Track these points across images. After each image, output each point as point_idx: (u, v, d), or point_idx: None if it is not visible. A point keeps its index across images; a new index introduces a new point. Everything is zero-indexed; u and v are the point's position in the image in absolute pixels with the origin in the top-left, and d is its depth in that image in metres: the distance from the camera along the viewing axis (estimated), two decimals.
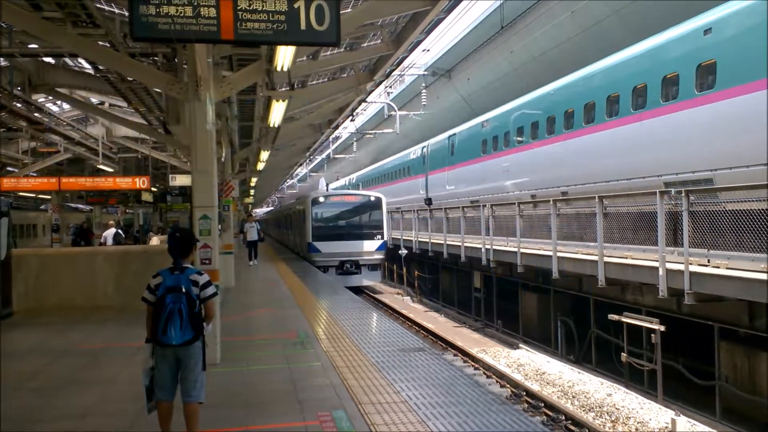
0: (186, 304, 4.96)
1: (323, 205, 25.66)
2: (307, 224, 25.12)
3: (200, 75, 8.01)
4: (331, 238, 24.53)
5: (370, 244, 24.52)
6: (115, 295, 12.95)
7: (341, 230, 25.18)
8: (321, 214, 25.49)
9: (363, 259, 24.42)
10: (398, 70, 20.68)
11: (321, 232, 24.88)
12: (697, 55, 11.47)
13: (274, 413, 6.19)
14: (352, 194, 27.11)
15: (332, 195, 26.98)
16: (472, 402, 6.21)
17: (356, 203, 25.96)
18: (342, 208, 26.05)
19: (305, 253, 25.81)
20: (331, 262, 24.12)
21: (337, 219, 25.76)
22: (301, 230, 27.31)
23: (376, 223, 25.15)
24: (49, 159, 26.50)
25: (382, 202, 25.49)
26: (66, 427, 5.91)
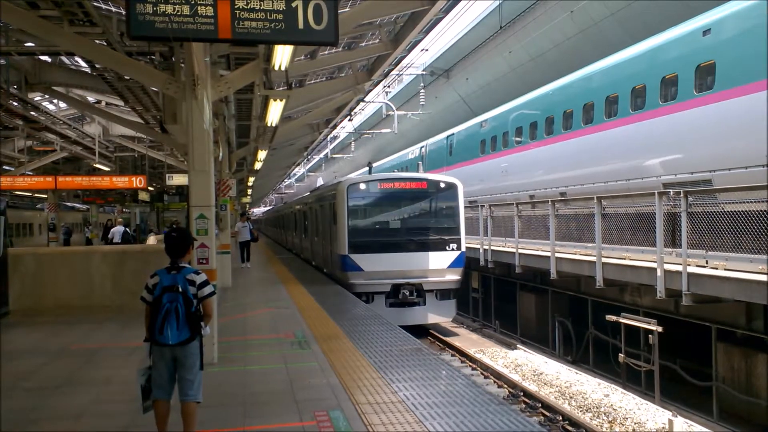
0: (183, 304, 4.94)
1: (366, 195, 16.98)
2: (340, 227, 16.31)
3: (197, 74, 7.98)
4: (379, 249, 16.09)
5: (440, 257, 16.09)
6: (112, 295, 12.91)
7: (395, 236, 16.39)
8: (362, 211, 17.08)
9: (429, 281, 15.97)
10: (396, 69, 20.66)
11: (363, 238, 16.22)
12: (696, 56, 11.46)
13: (272, 413, 6.16)
14: (411, 178, 17.56)
15: (380, 180, 17.35)
16: (470, 402, 6.19)
17: (417, 192, 17.09)
18: (395, 200, 17.07)
19: (335, 270, 17.19)
20: (379, 286, 15.79)
21: (388, 218, 17.00)
22: (327, 236, 18.62)
23: (448, 224, 16.62)
24: (46, 158, 26.46)
25: (458, 190, 16.80)
26: (62, 427, 5.88)
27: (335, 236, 16.77)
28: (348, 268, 15.97)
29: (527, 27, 22.64)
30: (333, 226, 17.19)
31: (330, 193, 18.52)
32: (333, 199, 17.38)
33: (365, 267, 15.84)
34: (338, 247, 16.38)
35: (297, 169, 56.59)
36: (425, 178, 17.47)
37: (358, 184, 16.88)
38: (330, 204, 17.91)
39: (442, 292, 16.19)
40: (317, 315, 11.86)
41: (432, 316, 16.26)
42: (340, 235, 16.29)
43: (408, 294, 15.76)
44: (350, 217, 16.33)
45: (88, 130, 23.67)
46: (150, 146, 26.37)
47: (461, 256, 16.37)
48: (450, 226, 16.53)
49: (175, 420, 5.17)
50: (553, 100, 16.84)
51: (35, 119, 17.71)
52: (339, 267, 16.49)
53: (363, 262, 15.89)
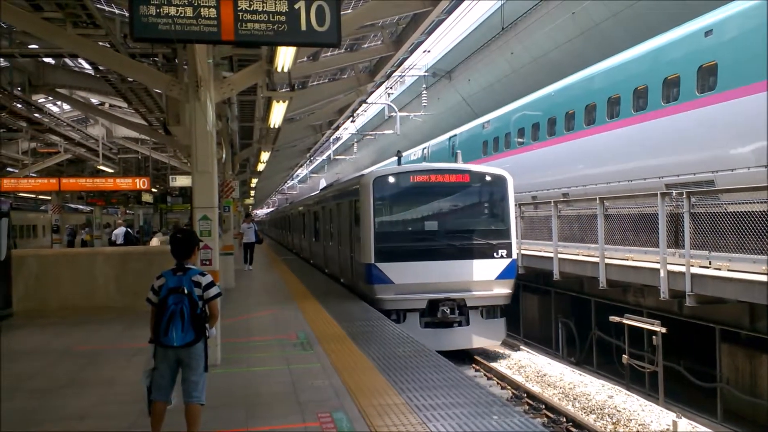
0: (188, 306, 4.94)
1: (396, 190, 13.97)
2: (364, 230, 13.59)
3: (200, 76, 7.99)
4: (413, 257, 13.32)
5: (486, 266, 13.39)
6: (116, 296, 12.93)
7: (431, 240, 13.57)
8: (392, 210, 14.35)
9: (473, 296, 13.26)
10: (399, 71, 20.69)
11: (392, 244, 13.52)
12: (698, 57, 11.45)
13: (275, 414, 6.17)
14: (451, 170, 14.36)
15: (412, 172, 14.24)
16: (473, 404, 6.19)
17: (458, 187, 14.06)
18: (431, 196, 14.14)
19: (358, 282, 14.54)
20: (412, 302, 13.14)
21: (423, 218, 14.11)
22: (346, 240, 15.96)
23: (496, 226, 13.89)
24: (49, 159, 26.51)
25: (507, 183, 13.94)
26: (66, 428, 5.90)
27: (357, 241, 14.14)
28: (374, 280, 13.14)
29: (529, 28, 22.64)
30: (354, 229, 14.59)
31: (350, 189, 15.58)
32: (354, 196, 14.53)
33: (395, 279, 13.09)
34: (362, 255, 13.66)
35: (300, 171, 56.63)
36: (467, 170, 14.33)
37: (386, 177, 13.83)
38: (350, 202, 15.14)
39: (488, 309, 13.42)
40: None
41: (477, 339, 13.46)
42: (364, 239, 13.50)
43: (448, 312, 12.96)
44: (377, 218, 13.46)
45: (92, 132, 23.71)
46: (153, 148, 26.40)
47: (512, 265, 13.57)
48: (498, 228, 13.75)
49: (179, 421, 5.18)
50: (556, 101, 16.84)
51: (39, 121, 17.75)
52: (363, 278, 13.75)
53: (393, 273, 13.10)
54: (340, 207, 16.92)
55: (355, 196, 14.47)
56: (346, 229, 15.94)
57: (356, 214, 14.43)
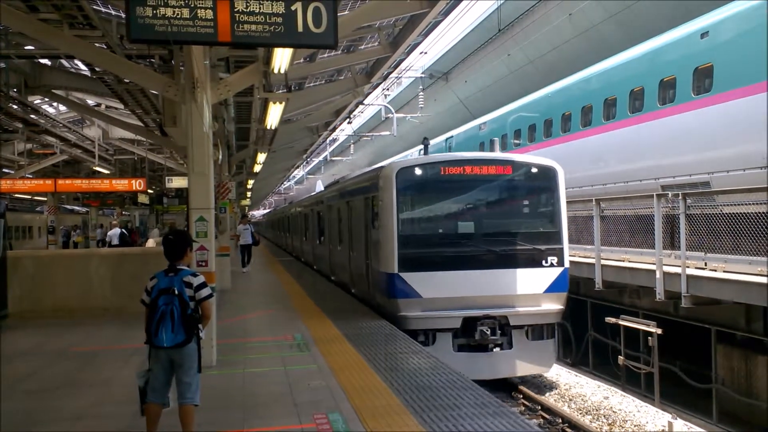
0: (178, 306, 4.95)
1: (425, 184, 11.70)
2: (386, 232, 11.38)
3: (197, 77, 7.99)
4: (444, 265, 11.16)
5: (533, 277, 11.20)
6: (111, 297, 12.90)
7: (467, 245, 11.35)
8: (419, 208, 12.06)
9: (518, 313, 11.12)
10: (395, 72, 20.71)
11: (420, 250, 11.28)
12: (694, 59, 11.49)
13: (271, 415, 6.16)
14: (489, 160, 11.96)
15: (444, 162, 11.91)
16: (469, 405, 6.19)
17: (499, 180, 11.76)
18: (467, 192, 11.88)
19: (375, 295, 12.36)
20: (444, 320, 10.99)
21: (457, 219, 11.92)
22: (360, 245, 13.62)
23: (545, 227, 11.67)
24: (45, 161, 26.48)
25: (558, 176, 11.61)
26: (61, 429, 5.88)
27: (376, 246, 11.83)
28: (397, 293, 10.93)
29: (526, 30, 22.70)
30: (371, 231, 12.33)
31: (366, 183, 13.31)
32: (372, 191, 12.34)
33: (424, 292, 10.84)
34: (382, 262, 11.42)
35: (297, 172, 56.60)
36: (510, 160, 11.91)
37: (412, 168, 11.50)
38: (366, 199, 12.89)
39: (535, 329, 11.20)
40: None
41: (522, 366, 11.23)
42: (384, 244, 11.27)
43: (488, 332, 10.79)
44: (401, 218, 11.20)
45: (88, 133, 23.69)
46: (149, 149, 26.38)
47: (564, 275, 11.23)
48: (547, 230, 11.46)
49: (174, 423, 5.17)
50: (552, 102, 16.87)
51: (35, 122, 17.73)
52: (382, 291, 11.59)
53: (420, 285, 10.87)
54: (351, 205, 14.66)
55: (373, 191, 12.25)
56: (359, 232, 13.60)
57: (374, 213, 12.19)
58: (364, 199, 13.07)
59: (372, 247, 12.35)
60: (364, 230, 13.02)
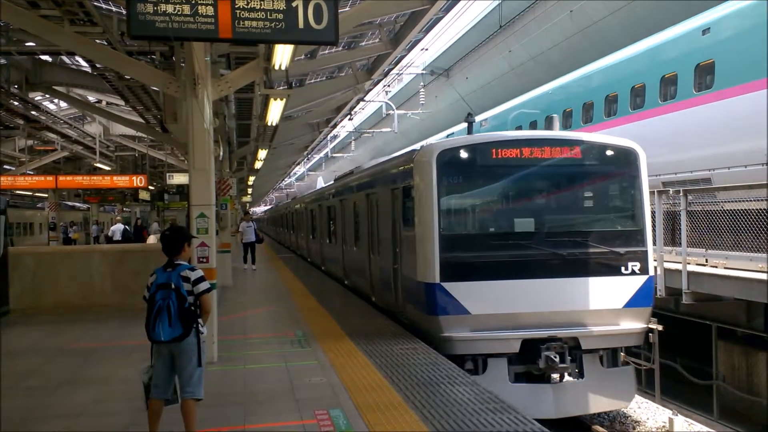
0: (175, 301, 4.96)
1: (473, 170, 9.52)
2: (423, 232, 9.27)
3: (198, 73, 7.99)
4: (497, 273, 8.96)
5: (609, 287, 9.03)
6: (112, 294, 12.91)
7: (526, 249, 9.06)
8: (465, 202, 9.84)
9: (591, 334, 8.90)
10: (396, 69, 20.68)
11: (467, 254, 9.06)
12: (695, 55, 11.47)
13: (272, 412, 6.17)
14: (553, 140, 9.45)
15: (496, 143, 9.43)
16: (470, 401, 6.20)
17: (565, 165, 9.41)
18: (525, 180, 9.61)
19: (407, 308, 10.23)
20: (498, 343, 8.83)
21: (514, 214, 9.57)
22: (386, 246, 11.44)
23: (623, 225, 9.50)
24: (46, 157, 26.52)
25: (639, 161, 9.32)
26: (62, 426, 5.89)
27: (409, 248, 9.73)
28: (439, 309, 8.76)
29: (527, 26, 22.66)
30: (402, 230, 10.24)
31: (394, 171, 11.04)
32: (403, 181, 10.18)
33: (472, 307, 8.70)
34: (418, 269, 9.24)
35: (297, 168, 56.61)
36: (578, 140, 9.44)
37: (456, 150, 9.19)
38: (395, 191, 10.68)
39: (611, 354, 9.01)
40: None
41: (597, 400, 8.92)
42: (422, 246, 9.10)
43: (556, 359, 8.52)
44: (444, 214, 9.00)
45: (89, 130, 23.71)
46: (150, 145, 26.41)
47: (648, 285, 9.00)
48: (627, 228, 9.25)
49: (176, 419, 5.19)
50: (553, 99, 16.85)
51: (36, 119, 17.74)
52: (418, 305, 9.38)
53: (468, 299, 8.72)
54: (372, 199, 12.54)
55: (404, 180, 10.08)
56: (384, 230, 11.46)
57: (405, 207, 10.08)
58: (391, 190, 10.89)
59: (402, 249, 10.18)
60: (391, 229, 10.86)
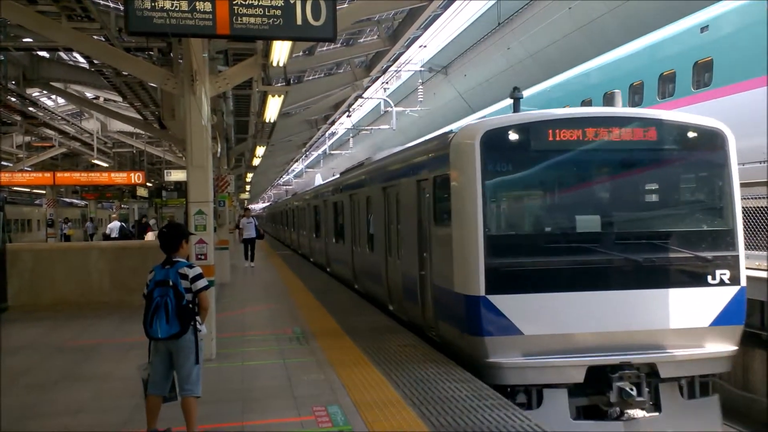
0: (173, 298, 4.97)
1: (525, 155, 7.50)
2: (463, 232, 7.36)
3: (196, 70, 7.98)
4: (555, 284, 7.13)
5: (693, 300, 7.25)
6: (111, 291, 12.92)
7: (591, 253, 7.20)
8: (516, 195, 8.14)
9: (672, 358, 7.15)
10: (395, 66, 20.69)
11: (518, 261, 7.20)
12: (693, 53, 11.48)
13: (269, 408, 6.18)
14: (625, 119, 7.62)
15: (554, 121, 7.49)
16: (469, 398, 6.20)
17: (639, 150, 7.55)
18: (589, 168, 7.79)
19: (440, 325, 8.34)
20: (558, 371, 6.99)
21: (575, 210, 7.59)
22: (409, 248, 9.74)
23: (710, 224, 7.73)
24: (44, 153, 26.47)
25: (728, 146, 7.43)
26: (60, 423, 5.89)
27: (442, 252, 8.03)
28: (483, 328, 7.07)
29: (525, 23, 22.65)
30: (432, 230, 8.49)
31: (421, 160, 9.30)
32: (433, 170, 8.46)
33: (525, 326, 7.04)
34: (455, 278, 7.51)
35: (295, 165, 56.58)
36: (654, 119, 7.68)
37: (505, 131, 7.39)
38: (421, 183, 9.05)
39: (692, 382, 7.35)
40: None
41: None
42: (461, 250, 7.42)
43: (633, 391, 6.89)
44: (489, 210, 7.33)
45: (87, 126, 23.67)
46: (148, 142, 26.36)
47: (740, 298, 7.51)
48: (714, 227, 7.66)
49: (176, 415, 5.19)
50: (552, 96, 16.86)
51: (33, 115, 17.70)
52: (455, 322, 7.68)
53: (520, 316, 7.05)
54: (390, 193, 11.00)
55: (435, 170, 8.38)
56: (406, 229, 9.91)
57: (436, 202, 8.42)
58: (417, 182, 9.22)
59: (432, 252, 8.48)
60: (416, 227, 9.18)
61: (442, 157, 8.07)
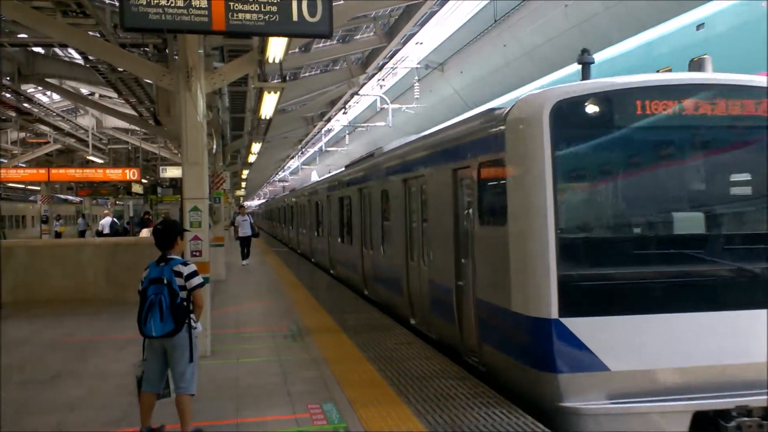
0: (167, 296, 4.95)
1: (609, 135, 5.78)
2: (526, 234, 5.69)
3: (191, 66, 7.95)
4: (649, 303, 5.49)
5: None
6: (105, 287, 12.89)
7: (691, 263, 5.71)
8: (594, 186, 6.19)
9: None
10: (391, 63, 20.66)
11: (599, 273, 5.59)
12: (689, 50, 11.49)
13: (264, 405, 6.17)
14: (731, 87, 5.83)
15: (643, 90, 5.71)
16: (464, 395, 6.20)
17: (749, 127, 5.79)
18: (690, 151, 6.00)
19: (490, 352, 6.63)
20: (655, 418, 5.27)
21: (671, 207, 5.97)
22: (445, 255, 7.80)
23: None
24: (39, 150, 26.38)
25: None
26: (55, 420, 5.87)
27: (491, 257, 6.57)
28: (555, 362, 5.48)
29: (522, 21, 22.64)
30: (478, 231, 6.89)
31: (464, 141, 7.48)
32: (480, 154, 6.84)
33: (613, 360, 5.47)
34: (513, 293, 5.97)
35: (291, 162, 56.52)
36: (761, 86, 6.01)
37: (582, 101, 5.78)
38: (461, 172, 7.40)
39: None
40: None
41: None
42: (522, 255, 5.86)
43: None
44: (563, 205, 5.76)
45: (82, 122, 23.57)
46: (143, 138, 26.27)
47: None
48: None
49: (169, 412, 5.18)
50: None
51: (28, 111, 17.63)
52: (515, 351, 6.15)
53: (606, 345, 5.49)
54: (412, 186, 9.49)
55: (482, 154, 6.74)
56: (436, 229, 8.33)
57: (482, 195, 6.77)
58: (452, 172, 7.56)
59: (476, 258, 6.86)
60: (451, 227, 7.58)
61: (493, 138, 6.46)
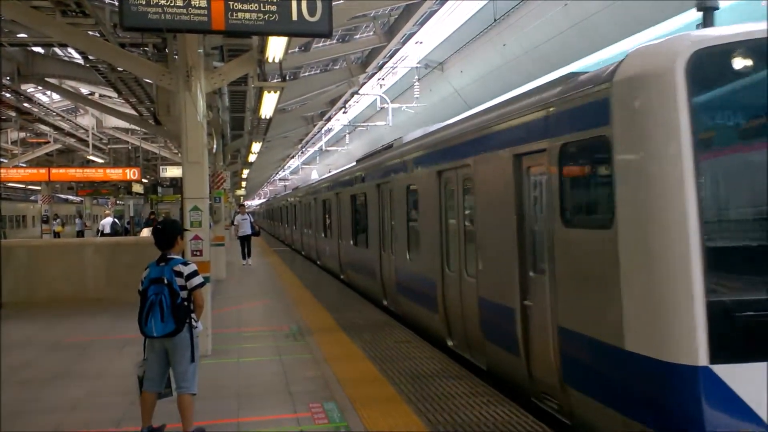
0: (168, 296, 4.94)
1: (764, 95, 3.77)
2: (653, 244, 3.92)
3: (191, 65, 7.94)
4: None
5: None
6: (105, 288, 12.88)
7: None
8: (756, 178, 3.88)
9: None
10: (391, 62, 20.64)
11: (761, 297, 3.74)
12: None
13: (265, 405, 6.18)
14: None
15: None
16: (464, 394, 6.21)
17: None
18: None
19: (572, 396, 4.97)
20: None
21: None
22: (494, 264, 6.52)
23: None
24: (39, 150, 26.38)
25: None
26: (55, 419, 5.87)
27: (591, 276, 4.72)
28: (703, 428, 3.71)
29: (521, 20, 22.62)
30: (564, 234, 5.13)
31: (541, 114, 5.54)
32: (573, 129, 4.97)
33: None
34: (626, 327, 4.20)
35: (291, 162, 56.51)
36: None
37: (730, 50, 3.91)
38: (533, 157, 5.73)
39: None
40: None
41: None
42: (647, 275, 4.06)
43: None
44: (709, 201, 4.03)
45: (82, 122, 23.57)
46: (144, 138, 26.27)
47: None
48: None
49: (170, 412, 5.18)
50: None
51: (28, 111, 17.63)
52: (633, 407, 4.24)
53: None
54: (450, 180, 8.08)
55: (569, 132, 5.07)
56: (487, 232, 6.79)
57: (566, 189, 5.23)
58: (514, 158, 6.04)
59: (557, 273, 5.27)
60: (514, 230, 6.05)
61: (585, 109, 4.81)
